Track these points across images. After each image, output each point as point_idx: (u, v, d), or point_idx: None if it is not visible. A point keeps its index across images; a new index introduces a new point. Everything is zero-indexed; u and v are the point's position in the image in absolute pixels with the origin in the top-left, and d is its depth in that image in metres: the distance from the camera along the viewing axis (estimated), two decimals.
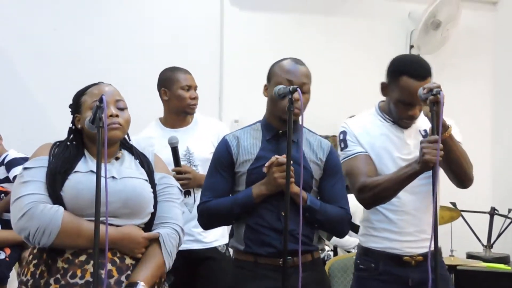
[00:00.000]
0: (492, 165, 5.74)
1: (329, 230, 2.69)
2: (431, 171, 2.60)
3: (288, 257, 2.31)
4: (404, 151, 2.65)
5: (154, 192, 2.30)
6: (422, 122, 2.68)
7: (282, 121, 2.47)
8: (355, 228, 4.52)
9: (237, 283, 2.52)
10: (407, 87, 2.54)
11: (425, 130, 2.69)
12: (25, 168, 2.20)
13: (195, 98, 3.44)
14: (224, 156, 2.54)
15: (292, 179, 2.34)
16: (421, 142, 2.42)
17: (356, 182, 2.61)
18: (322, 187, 2.55)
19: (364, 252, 2.74)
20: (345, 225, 2.59)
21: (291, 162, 2.30)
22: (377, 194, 2.57)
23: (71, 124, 2.32)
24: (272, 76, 2.53)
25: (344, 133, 2.71)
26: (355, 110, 2.83)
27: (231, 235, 2.62)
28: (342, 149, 2.71)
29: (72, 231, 2.10)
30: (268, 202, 2.45)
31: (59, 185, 2.14)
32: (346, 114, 2.84)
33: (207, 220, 2.58)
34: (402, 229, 2.65)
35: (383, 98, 2.74)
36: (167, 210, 2.30)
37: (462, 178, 2.64)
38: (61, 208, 2.11)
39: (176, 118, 3.45)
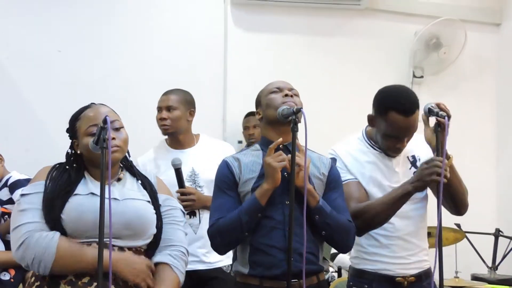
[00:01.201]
0: (496, 187, 5.71)
1: (337, 239, 2.49)
2: (423, 194, 2.65)
3: (294, 280, 2.29)
4: (393, 179, 2.64)
5: (158, 213, 2.30)
6: (411, 149, 2.68)
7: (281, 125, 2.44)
8: None
9: None
10: (395, 122, 2.51)
11: (413, 156, 2.69)
12: (22, 195, 2.19)
13: (162, 119, 3.39)
14: (226, 176, 2.48)
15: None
16: (426, 163, 2.42)
17: (348, 208, 2.53)
18: (325, 200, 2.47)
19: (357, 274, 2.72)
20: (352, 237, 2.50)
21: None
22: (370, 219, 2.53)
23: (70, 150, 2.32)
24: (261, 98, 2.55)
25: (333, 160, 2.66)
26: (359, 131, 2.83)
27: (234, 258, 2.55)
28: None
29: (69, 257, 2.09)
30: (273, 219, 2.39)
31: (58, 209, 2.13)
32: (350, 135, 2.84)
33: (220, 239, 2.42)
34: (395, 253, 2.64)
35: None
36: (171, 233, 2.31)
37: (460, 206, 2.65)
38: (57, 235, 2.11)
39: (174, 139, 3.47)
